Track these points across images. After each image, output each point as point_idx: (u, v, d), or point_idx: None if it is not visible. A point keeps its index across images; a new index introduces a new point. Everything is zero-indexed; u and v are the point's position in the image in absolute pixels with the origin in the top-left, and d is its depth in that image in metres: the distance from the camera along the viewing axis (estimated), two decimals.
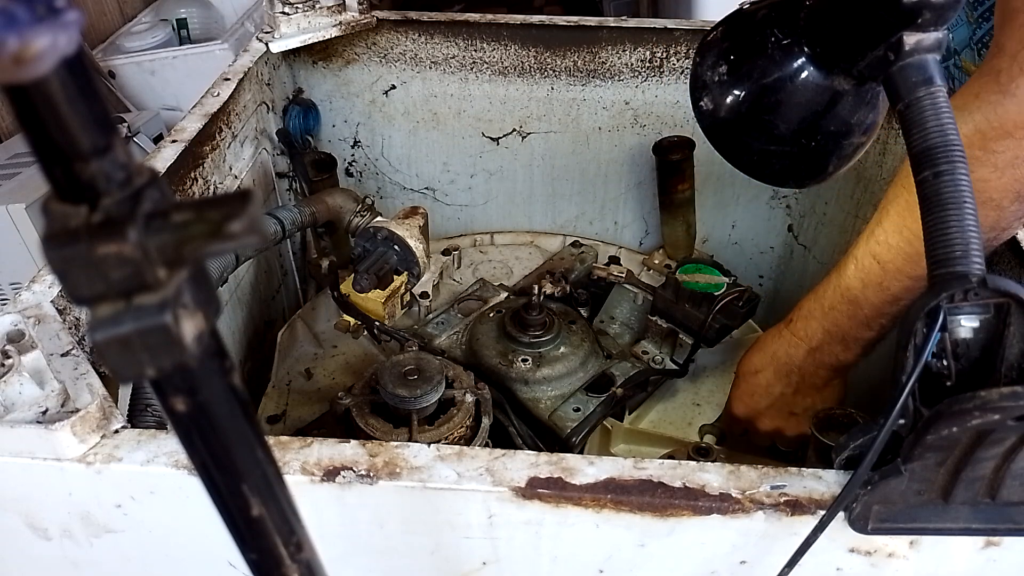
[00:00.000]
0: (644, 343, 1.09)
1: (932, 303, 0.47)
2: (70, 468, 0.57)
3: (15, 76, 0.22)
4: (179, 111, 2.28)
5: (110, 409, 0.60)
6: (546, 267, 1.26)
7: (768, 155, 0.68)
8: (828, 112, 0.63)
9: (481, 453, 0.58)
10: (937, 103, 0.49)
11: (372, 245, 1.08)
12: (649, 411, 1.05)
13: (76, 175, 0.25)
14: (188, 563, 0.65)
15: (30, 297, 0.71)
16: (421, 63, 1.36)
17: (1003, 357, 0.48)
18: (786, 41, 0.62)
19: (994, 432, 0.47)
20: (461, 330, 1.08)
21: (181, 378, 0.28)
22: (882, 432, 0.48)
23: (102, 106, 0.25)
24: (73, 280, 0.25)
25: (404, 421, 0.83)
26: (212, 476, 0.31)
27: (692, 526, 0.56)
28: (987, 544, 0.56)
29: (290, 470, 0.57)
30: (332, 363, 1.10)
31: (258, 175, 1.22)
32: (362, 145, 1.46)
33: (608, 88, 1.35)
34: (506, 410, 0.95)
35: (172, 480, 0.57)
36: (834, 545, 0.57)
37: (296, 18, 1.23)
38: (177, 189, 0.94)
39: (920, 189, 0.48)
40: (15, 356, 0.59)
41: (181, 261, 0.26)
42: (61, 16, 0.22)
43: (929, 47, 0.51)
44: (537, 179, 1.48)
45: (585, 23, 1.30)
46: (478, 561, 0.62)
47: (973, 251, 0.46)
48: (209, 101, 1.05)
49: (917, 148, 0.49)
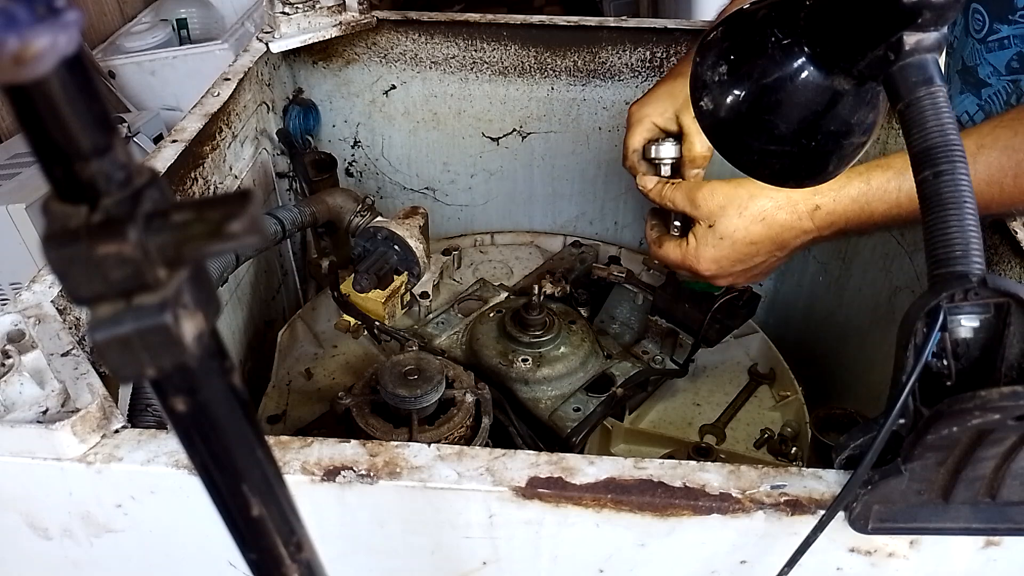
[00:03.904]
0: (644, 343, 1.09)
1: (932, 303, 0.47)
2: (70, 468, 0.57)
3: (15, 76, 0.22)
4: (179, 111, 2.28)
5: (110, 409, 0.60)
6: (546, 267, 1.26)
7: (768, 155, 0.68)
8: (828, 112, 0.63)
9: (481, 453, 0.58)
10: (937, 103, 0.49)
11: (372, 245, 1.08)
12: (649, 411, 1.05)
13: (76, 175, 0.25)
14: (188, 563, 0.65)
15: (30, 297, 0.71)
16: (421, 63, 1.36)
17: (1003, 357, 0.48)
18: (786, 41, 0.62)
19: (994, 432, 0.47)
20: (461, 330, 1.08)
21: (181, 378, 0.28)
22: (882, 432, 0.48)
23: (102, 106, 0.25)
24: (73, 280, 0.25)
25: (404, 421, 0.83)
26: (212, 476, 0.31)
27: (692, 526, 0.56)
28: (987, 544, 0.56)
29: (290, 470, 0.57)
30: (332, 363, 1.10)
31: (258, 175, 1.22)
32: (362, 145, 1.46)
33: (608, 88, 1.35)
34: (506, 410, 0.95)
35: (172, 480, 0.57)
36: (834, 545, 0.57)
37: (296, 18, 1.23)
38: (177, 189, 0.94)
39: (920, 189, 0.48)
40: (15, 356, 0.59)
41: (181, 261, 0.26)
42: (61, 16, 0.22)
43: (929, 47, 0.51)
44: (537, 179, 1.48)
45: (585, 23, 1.30)
46: (478, 561, 0.62)
47: (973, 251, 0.46)
48: (209, 101, 1.05)
49: (917, 148, 0.49)
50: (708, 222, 0.84)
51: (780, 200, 0.82)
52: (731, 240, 0.83)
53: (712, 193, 0.84)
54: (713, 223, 0.84)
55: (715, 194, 0.83)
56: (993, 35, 0.99)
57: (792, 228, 0.82)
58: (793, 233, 0.83)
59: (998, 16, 0.98)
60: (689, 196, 0.85)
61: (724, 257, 0.85)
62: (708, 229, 0.84)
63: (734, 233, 0.83)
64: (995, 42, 0.99)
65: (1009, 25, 0.97)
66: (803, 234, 0.83)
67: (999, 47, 0.99)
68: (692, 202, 0.85)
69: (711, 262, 0.86)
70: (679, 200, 0.87)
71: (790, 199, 0.82)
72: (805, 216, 0.81)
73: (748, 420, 1.03)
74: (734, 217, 0.83)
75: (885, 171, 0.78)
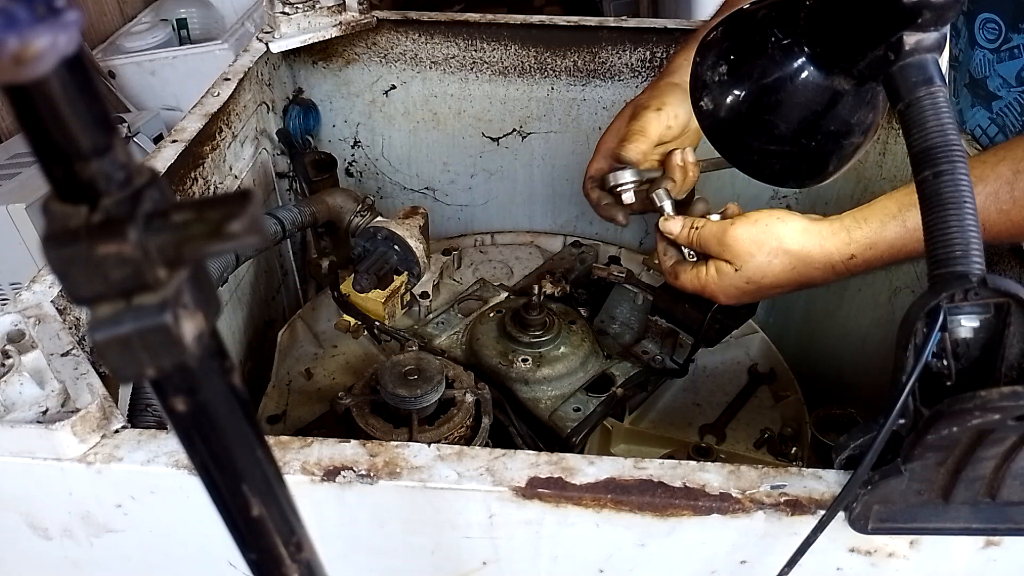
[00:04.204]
0: (644, 343, 1.09)
1: (932, 303, 0.47)
2: (70, 468, 0.57)
3: (15, 76, 0.22)
4: (179, 111, 2.28)
5: (110, 409, 0.60)
6: (546, 267, 1.26)
7: (768, 155, 0.68)
8: (828, 112, 0.63)
9: (481, 453, 0.58)
10: (937, 103, 0.49)
11: (372, 245, 1.08)
12: (649, 411, 1.05)
13: (76, 175, 0.25)
14: (188, 563, 0.65)
15: (30, 297, 0.71)
16: (421, 63, 1.36)
17: (1003, 357, 0.48)
18: (786, 41, 0.62)
19: (994, 432, 0.47)
20: (461, 330, 1.08)
21: (181, 378, 0.28)
22: (882, 432, 0.48)
23: (102, 106, 0.25)
24: (73, 280, 0.25)
25: (404, 421, 0.83)
26: (212, 476, 0.31)
27: (692, 526, 0.56)
28: (987, 544, 0.56)
29: (290, 470, 0.57)
30: (332, 363, 1.10)
31: (258, 175, 1.22)
32: (362, 145, 1.46)
33: (608, 88, 1.35)
34: (506, 410, 0.95)
35: (172, 480, 0.57)
36: (834, 545, 0.57)
37: (296, 18, 1.23)
38: (177, 189, 0.94)
39: (920, 189, 0.48)
40: (15, 356, 0.59)
41: (181, 261, 0.26)
42: (61, 16, 0.22)
43: (929, 47, 0.51)
44: (537, 179, 1.48)
45: (585, 23, 1.30)
46: (478, 561, 0.62)
47: (973, 251, 0.46)
48: (209, 101, 1.05)
49: (917, 148, 0.49)
50: (736, 265, 0.82)
51: (813, 250, 0.79)
52: (758, 284, 0.82)
53: (739, 238, 0.81)
54: (740, 267, 0.81)
55: (742, 239, 0.81)
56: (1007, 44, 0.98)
57: (825, 277, 0.80)
58: (824, 279, 0.81)
59: (1013, 26, 0.97)
60: (718, 239, 0.83)
61: (747, 294, 0.84)
62: (735, 272, 0.82)
63: (762, 279, 0.81)
64: (1007, 51, 0.98)
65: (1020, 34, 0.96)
66: (836, 279, 0.81)
67: (1010, 56, 0.98)
68: (721, 244, 0.82)
69: (733, 297, 0.85)
70: (712, 246, 0.84)
71: (823, 249, 0.78)
72: (840, 265, 0.79)
73: (748, 420, 1.03)
74: (763, 264, 0.80)
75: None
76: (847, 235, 0.78)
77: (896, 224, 0.76)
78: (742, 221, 0.82)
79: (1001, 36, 0.99)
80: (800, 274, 0.80)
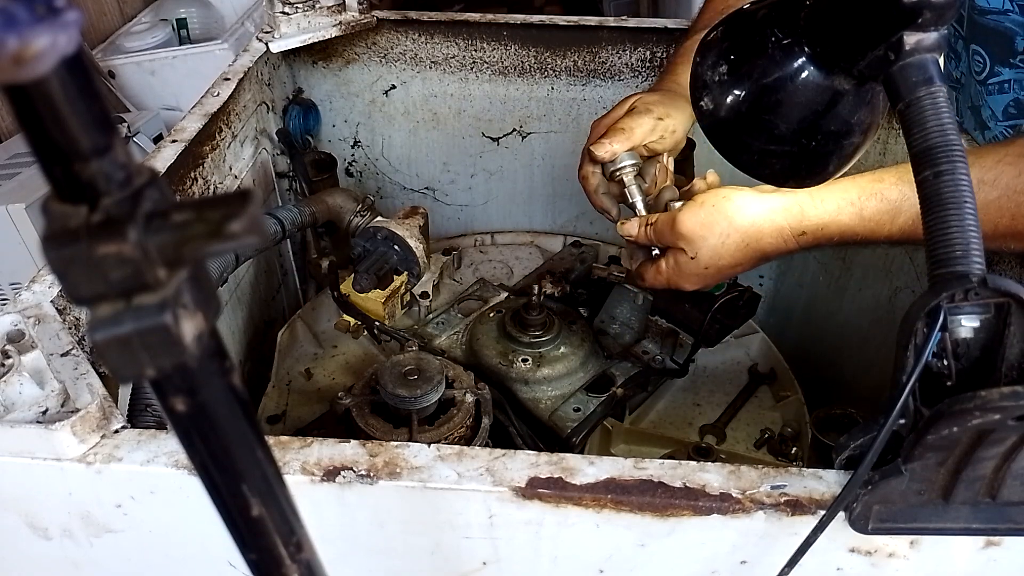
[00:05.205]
0: (644, 343, 1.09)
1: (932, 303, 0.47)
2: (70, 468, 0.57)
3: (15, 76, 0.21)
4: (179, 111, 2.28)
5: (110, 409, 0.60)
6: (546, 267, 1.26)
7: (768, 155, 0.68)
8: (828, 112, 0.63)
9: (481, 453, 0.58)
10: (937, 103, 0.49)
11: (372, 245, 1.08)
12: (649, 411, 1.05)
13: (76, 175, 0.25)
14: (188, 563, 0.65)
15: (30, 297, 0.71)
16: (421, 63, 1.36)
17: (1003, 357, 0.48)
18: (786, 41, 0.62)
19: (994, 432, 0.47)
20: (461, 330, 1.08)
21: (181, 378, 0.28)
22: (882, 432, 0.48)
23: (102, 106, 0.24)
24: (73, 280, 0.25)
25: (404, 421, 0.83)
26: (212, 476, 0.31)
27: (692, 526, 0.56)
28: (987, 544, 0.56)
29: (290, 470, 0.57)
30: (332, 363, 1.10)
31: (258, 175, 1.22)
32: (362, 145, 1.46)
33: (608, 88, 1.35)
34: (506, 410, 0.95)
35: (172, 480, 0.57)
36: (834, 545, 0.57)
37: (296, 18, 1.23)
38: (177, 189, 0.94)
39: (920, 189, 0.48)
40: (15, 356, 0.59)
41: (181, 261, 0.26)
42: (61, 16, 0.22)
43: (929, 47, 0.51)
44: (537, 179, 1.48)
45: (585, 23, 1.30)
46: (478, 561, 0.62)
47: (973, 251, 0.46)
48: (209, 101, 1.05)
49: (917, 148, 0.49)
50: (691, 252, 0.82)
51: (763, 224, 0.80)
52: (717, 267, 0.82)
53: (688, 224, 0.82)
54: (696, 254, 0.82)
55: (691, 224, 0.81)
56: (994, 78, 0.97)
57: (777, 250, 0.81)
58: (776, 252, 0.82)
59: (999, 59, 0.96)
60: (671, 229, 0.83)
61: (709, 276, 0.84)
62: (692, 260, 0.83)
63: (720, 261, 0.82)
64: (995, 85, 0.97)
65: (1010, 68, 0.95)
66: (787, 252, 0.82)
67: (999, 91, 0.97)
68: (674, 234, 0.83)
69: (696, 283, 0.86)
70: (667, 237, 0.85)
71: (774, 224, 0.80)
72: (791, 239, 0.80)
73: (748, 420, 1.03)
74: (717, 246, 0.81)
75: (880, 203, 0.76)
76: (800, 211, 0.79)
77: (852, 212, 0.77)
78: (690, 206, 0.83)
79: (987, 70, 0.98)
80: (755, 251, 0.81)
